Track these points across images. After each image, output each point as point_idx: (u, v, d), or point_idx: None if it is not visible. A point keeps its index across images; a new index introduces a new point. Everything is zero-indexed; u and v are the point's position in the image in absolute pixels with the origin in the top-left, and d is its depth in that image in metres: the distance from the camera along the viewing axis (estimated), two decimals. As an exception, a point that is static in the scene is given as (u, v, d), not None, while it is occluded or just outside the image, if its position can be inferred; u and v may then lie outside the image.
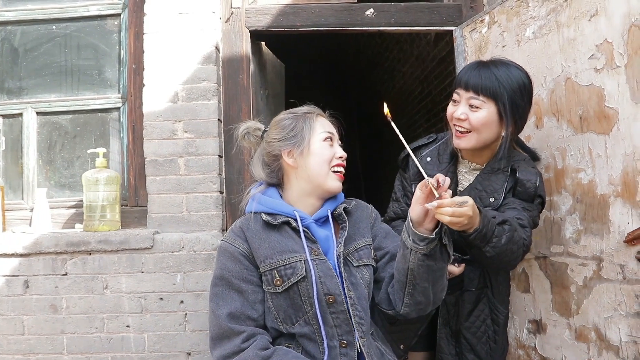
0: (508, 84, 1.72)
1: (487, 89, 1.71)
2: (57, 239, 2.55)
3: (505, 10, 2.28)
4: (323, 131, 1.54)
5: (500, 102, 1.71)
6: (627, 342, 1.72)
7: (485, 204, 1.81)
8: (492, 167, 1.84)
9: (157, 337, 2.53)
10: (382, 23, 2.86)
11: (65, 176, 2.94)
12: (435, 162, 1.95)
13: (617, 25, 1.72)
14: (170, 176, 2.64)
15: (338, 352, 1.39)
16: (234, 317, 1.38)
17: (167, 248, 2.55)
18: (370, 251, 1.55)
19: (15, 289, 2.55)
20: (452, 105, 1.83)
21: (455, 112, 1.78)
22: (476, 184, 1.86)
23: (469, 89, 1.74)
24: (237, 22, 2.85)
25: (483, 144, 1.79)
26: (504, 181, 1.82)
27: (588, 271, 1.87)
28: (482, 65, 1.77)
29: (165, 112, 2.67)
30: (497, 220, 1.60)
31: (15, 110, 2.93)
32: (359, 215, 1.60)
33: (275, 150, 1.56)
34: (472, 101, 1.74)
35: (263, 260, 1.43)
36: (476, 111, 1.74)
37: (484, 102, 1.73)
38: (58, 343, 2.53)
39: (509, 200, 1.81)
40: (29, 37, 2.97)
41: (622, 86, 1.70)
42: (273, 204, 1.51)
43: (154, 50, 2.71)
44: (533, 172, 1.81)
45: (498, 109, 1.73)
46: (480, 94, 1.72)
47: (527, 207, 1.79)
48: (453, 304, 1.96)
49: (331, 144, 1.55)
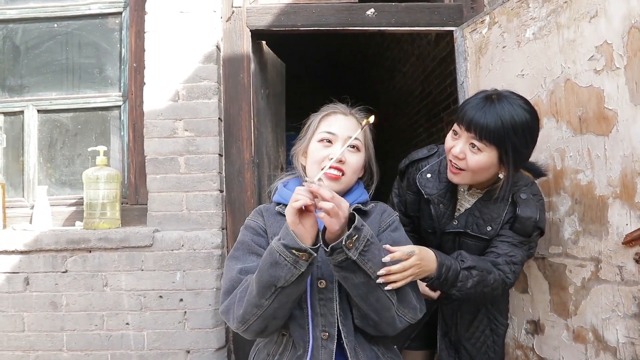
0: (513, 128, 1.59)
1: (491, 135, 1.59)
2: (58, 236, 2.55)
3: (505, 11, 2.28)
4: (322, 131, 1.53)
5: (503, 148, 1.61)
6: (625, 343, 1.73)
7: (482, 232, 1.78)
8: (491, 197, 1.78)
9: (157, 335, 2.54)
10: (383, 23, 2.86)
11: (66, 174, 2.94)
12: (435, 180, 1.88)
13: (617, 27, 1.72)
14: (170, 174, 2.65)
15: (320, 344, 1.39)
16: (245, 272, 1.41)
17: (166, 246, 2.56)
18: None
19: (16, 286, 2.56)
20: (451, 138, 1.72)
21: (454, 149, 1.68)
22: (474, 210, 1.81)
23: (470, 130, 1.62)
24: (238, 21, 2.85)
25: (477, 183, 1.76)
26: (503, 210, 1.76)
27: (586, 272, 1.88)
28: (488, 103, 1.63)
29: (165, 110, 2.67)
30: (464, 264, 1.61)
31: (17, 107, 2.94)
32: (372, 219, 1.55)
33: (292, 149, 1.63)
34: (473, 141, 1.63)
35: (271, 237, 1.46)
36: (476, 153, 1.64)
37: (485, 146, 1.62)
38: (58, 340, 2.54)
39: (505, 233, 1.75)
40: (31, 35, 2.98)
41: (622, 88, 1.71)
42: (287, 196, 1.52)
43: (155, 48, 2.71)
44: (534, 207, 1.73)
45: (499, 155, 1.63)
46: (483, 138, 1.61)
47: (523, 242, 1.74)
48: (450, 315, 1.95)
49: (328, 145, 1.51)
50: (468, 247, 1.81)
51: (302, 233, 1.24)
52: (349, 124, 1.54)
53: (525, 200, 1.74)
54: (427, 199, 1.86)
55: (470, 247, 1.81)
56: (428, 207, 1.89)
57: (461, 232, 1.82)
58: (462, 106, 1.71)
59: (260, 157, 2.98)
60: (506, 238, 1.74)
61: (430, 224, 1.91)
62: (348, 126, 1.53)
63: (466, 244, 1.82)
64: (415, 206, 1.96)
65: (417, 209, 1.97)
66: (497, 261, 1.70)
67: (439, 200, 1.85)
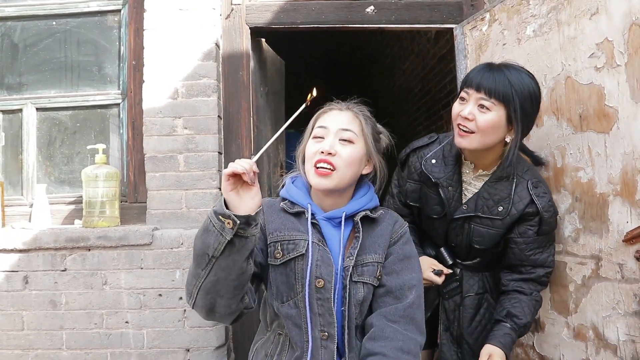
0: (520, 89, 1.67)
1: (500, 92, 1.66)
2: (57, 234, 2.55)
3: (506, 8, 2.27)
4: (316, 127, 1.50)
5: (512, 107, 1.67)
6: (625, 341, 1.72)
7: (494, 213, 1.80)
8: (498, 176, 1.81)
9: (156, 333, 2.54)
10: (383, 20, 2.86)
11: (65, 172, 2.94)
12: (440, 164, 1.90)
13: (618, 24, 1.72)
14: (169, 172, 2.64)
15: (319, 344, 1.38)
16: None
17: (166, 244, 2.56)
18: (376, 269, 1.46)
19: (15, 285, 2.55)
20: (458, 104, 1.77)
21: (463, 111, 1.72)
22: (483, 192, 1.83)
23: (480, 90, 1.68)
24: (238, 19, 2.85)
25: (484, 147, 1.75)
26: (510, 189, 1.79)
27: (587, 270, 1.87)
28: (495, 68, 1.72)
29: (165, 108, 2.67)
30: (521, 319, 1.79)
31: (15, 106, 2.93)
32: (382, 228, 1.52)
33: (296, 151, 1.60)
34: (482, 102, 1.68)
35: (272, 232, 1.45)
36: (485, 113, 1.68)
37: (494, 104, 1.67)
38: (57, 338, 2.54)
39: (539, 240, 1.83)
40: (29, 32, 2.97)
41: (622, 85, 1.70)
42: (293, 193, 1.52)
43: (154, 46, 2.70)
44: (547, 201, 1.80)
45: (507, 114, 1.68)
46: (492, 96, 1.67)
47: (552, 237, 1.89)
48: (452, 310, 1.96)
49: (320, 140, 1.47)
50: (479, 233, 1.83)
51: (236, 202, 1.21)
52: (343, 117, 1.50)
53: (537, 192, 1.80)
54: (435, 183, 1.87)
55: (481, 233, 1.83)
56: (434, 192, 1.90)
57: (472, 217, 1.84)
58: (468, 74, 1.78)
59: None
60: (540, 246, 1.85)
61: (436, 210, 1.91)
62: (341, 119, 1.49)
63: (477, 231, 1.84)
64: (416, 195, 1.97)
65: (417, 198, 1.97)
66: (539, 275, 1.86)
67: (447, 183, 1.87)
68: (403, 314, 1.41)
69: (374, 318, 1.43)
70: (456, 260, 1.95)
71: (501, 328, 1.78)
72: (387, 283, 1.46)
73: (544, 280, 1.86)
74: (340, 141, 1.45)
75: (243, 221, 1.18)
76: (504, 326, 1.78)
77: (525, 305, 1.81)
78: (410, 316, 1.41)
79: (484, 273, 1.96)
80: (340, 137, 1.45)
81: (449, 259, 1.95)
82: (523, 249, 1.82)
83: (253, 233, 1.22)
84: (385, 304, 1.44)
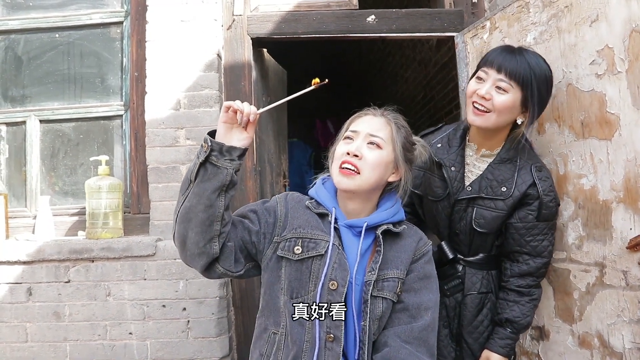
0: (538, 74, 1.75)
1: (520, 75, 1.73)
2: (60, 246, 2.56)
3: (506, 16, 2.28)
4: (348, 130, 1.52)
5: (529, 91, 1.74)
6: (631, 348, 1.71)
7: (498, 194, 1.83)
8: (502, 158, 1.86)
9: (160, 344, 2.53)
10: (384, 29, 2.87)
11: (68, 184, 2.95)
12: (445, 147, 1.97)
13: (618, 31, 1.72)
14: (172, 183, 2.65)
15: (324, 345, 1.37)
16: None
17: (169, 255, 2.56)
18: (396, 285, 1.45)
19: (19, 297, 2.56)
20: (475, 82, 1.81)
21: (480, 90, 1.77)
22: (487, 173, 1.87)
23: (501, 71, 1.74)
24: (239, 30, 2.86)
25: (496, 127, 1.81)
26: (514, 171, 1.83)
27: (591, 277, 1.86)
28: (515, 51, 1.78)
29: (167, 119, 2.68)
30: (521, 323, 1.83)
31: (19, 118, 2.95)
32: (406, 244, 1.51)
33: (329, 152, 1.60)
34: (500, 83, 1.74)
35: (295, 228, 1.46)
36: (502, 94, 1.74)
37: (512, 87, 1.73)
38: (61, 350, 2.54)
39: (539, 226, 1.84)
40: (32, 45, 2.99)
41: (624, 92, 1.70)
42: (321, 194, 1.54)
43: (156, 57, 2.72)
44: (548, 185, 1.83)
45: (523, 97, 1.75)
46: (512, 79, 1.73)
47: (553, 224, 1.89)
48: (453, 307, 1.96)
49: (349, 142, 1.48)
50: (481, 215, 1.85)
51: (224, 134, 1.36)
52: (375, 122, 1.51)
53: (540, 176, 1.83)
54: (439, 163, 1.93)
55: (483, 215, 1.85)
56: (438, 175, 1.94)
57: (475, 198, 1.86)
58: (488, 54, 1.83)
59: (262, 165, 2.98)
60: (541, 232, 1.85)
61: (439, 192, 1.94)
62: (372, 124, 1.50)
63: (479, 213, 1.85)
64: (418, 181, 1.99)
65: (419, 184, 2.00)
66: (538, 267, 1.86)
67: (450, 162, 1.92)
68: (417, 336, 1.41)
69: (388, 337, 1.42)
70: (457, 256, 1.95)
71: (501, 333, 1.84)
72: (405, 300, 1.46)
73: (542, 272, 1.89)
74: (368, 145, 1.46)
75: (217, 147, 1.32)
76: (504, 331, 1.84)
77: (524, 306, 1.85)
78: (424, 339, 1.42)
79: (489, 272, 1.95)
80: (368, 141, 1.46)
81: (450, 253, 1.95)
82: (523, 234, 1.84)
83: (225, 165, 1.34)
84: (399, 320, 1.44)
